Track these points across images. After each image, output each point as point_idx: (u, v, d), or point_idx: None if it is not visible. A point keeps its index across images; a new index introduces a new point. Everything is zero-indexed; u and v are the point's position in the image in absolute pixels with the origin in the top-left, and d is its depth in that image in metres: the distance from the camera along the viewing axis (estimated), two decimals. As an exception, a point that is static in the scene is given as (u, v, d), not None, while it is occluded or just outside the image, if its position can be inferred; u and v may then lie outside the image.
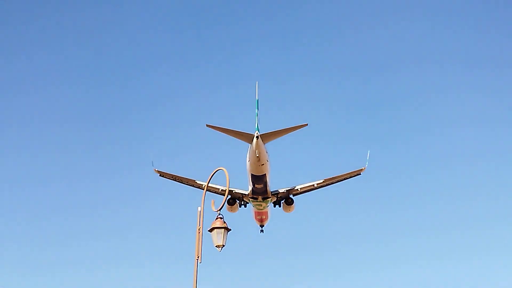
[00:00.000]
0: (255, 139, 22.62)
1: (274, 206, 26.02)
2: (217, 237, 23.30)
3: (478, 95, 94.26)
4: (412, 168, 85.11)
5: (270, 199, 25.24)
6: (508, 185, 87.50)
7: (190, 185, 32.09)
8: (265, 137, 23.60)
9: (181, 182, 31.55)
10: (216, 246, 23.65)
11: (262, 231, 26.81)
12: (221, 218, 23.65)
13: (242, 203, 26.17)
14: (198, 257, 22.86)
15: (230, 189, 25.00)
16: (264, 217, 26.54)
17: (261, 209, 26.13)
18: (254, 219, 27.02)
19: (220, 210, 23.80)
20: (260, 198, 24.95)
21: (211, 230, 23.49)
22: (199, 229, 23.28)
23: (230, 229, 23.73)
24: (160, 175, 31.00)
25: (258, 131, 22.88)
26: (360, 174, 26.48)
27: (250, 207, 26.04)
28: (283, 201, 24.96)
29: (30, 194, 79.77)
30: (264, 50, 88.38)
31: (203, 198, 23.76)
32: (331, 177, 26.45)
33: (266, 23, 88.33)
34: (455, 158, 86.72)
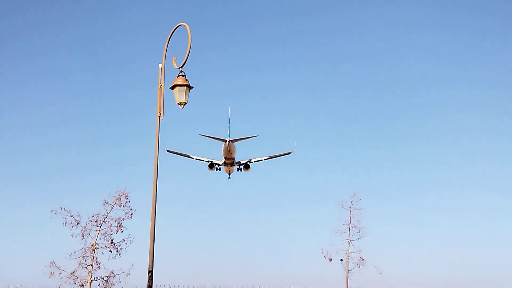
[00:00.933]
0: (227, 142, 37.07)
1: (237, 170, 39.40)
2: (179, 94, 22.64)
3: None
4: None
5: (234, 166, 38.82)
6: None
7: None
8: (232, 141, 37.46)
9: None
10: (178, 104, 23.03)
11: (229, 178, 40.07)
12: (183, 75, 22.75)
13: (218, 168, 39.30)
14: (160, 114, 22.59)
15: (210, 160, 39.06)
16: (231, 171, 39.67)
17: (229, 169, 39.55)
18: (225, 172, 39.73)
19: (182, 67, 22.94)
20: (229, 165, 38.85)
21: (172, 87, 22.72)
22: (160, 86, 22.67)
23: (192, 87, 22.85)
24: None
25: (229, 137, 37.24)
26: (290, 153, 39.65)
27: (223, 167, 39.10)
28: (242, 166, 38.53)
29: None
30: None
31: (164, 54, 22.88)
32: (273, 154, 38.83)
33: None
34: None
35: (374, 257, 38.05)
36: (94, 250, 26.23)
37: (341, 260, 36.67)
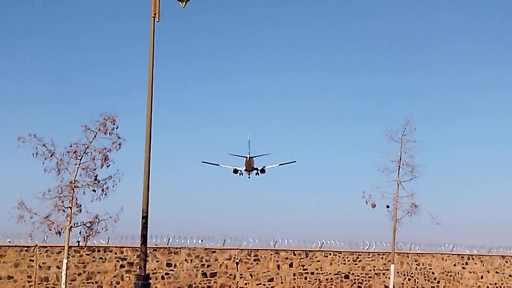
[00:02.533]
0: (247, 158, 59.97)
1: (255, 175, 62.21)
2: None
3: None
4: None
5: (253, 171, 61.63)
6: None
7: None
8: (251, 157, 60.31)
9: None
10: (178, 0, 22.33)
11: (249, 177, 62.28)
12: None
13: (240, 173, 62.13)
14: (154, 14, 21.98)
15: (234, 167, 61.37)
16: (250, 173, 62.04)
17: (249, 173, 62.13)
18: (246, 173, 62.02)
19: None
20: (249, 171, 61.39)
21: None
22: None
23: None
24: None
25: (249, 154, 60.05)
26: (295, 161, 62.91)
27: (244, 172, 62.11)
28: (259, 171, 61.57)
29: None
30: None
31: None
32: (283, 162, 62.05)
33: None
34: None
35: (430, 203, 37.93)
36: (73, 189, 25.97)
37: (388, 206, 36.53)
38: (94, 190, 25.93)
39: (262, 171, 61.53)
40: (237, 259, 40.51)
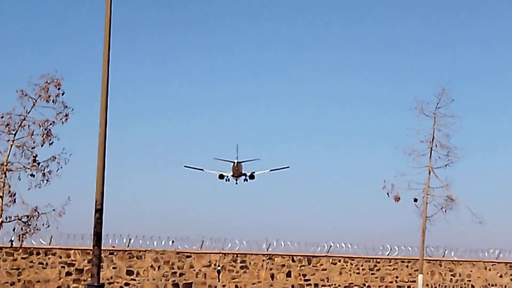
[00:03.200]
0: (235, 163, 65.67)
1: (243, 181, 67.89)
2: None
3: None
4: None
5: (241, 177, 67.40)
6: None
7: None
8: (239, 162, 65.85)
9: None
10: None
11: (236, 183, 67.90)
12: None
13: (227, 179, 67.80)
14: None
15: (220, 172, 67.14)
16: (237, 179, 67.78)
17: (237, 179, 67.95)
18: (233, 178, 67.64)
19: None
20: (236, 177, 67.06)
21: None
22: None
23: None
24: None
25: (237, 159, 65.54)
26: (288, 167, 68.51)
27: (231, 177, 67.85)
28: (247, 176, 67.26)
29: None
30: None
31: None
32: (274, 168, 67.73)
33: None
34: None
35: (470, 196, 38.21)
36: (5, 173, 26.00)
37: (416, 200, 36.84)
38: (32, 175, 25.93)
39: (251, 176, 67.55)
40: (218, 266, 40.77)
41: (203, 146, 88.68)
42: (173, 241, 40.35)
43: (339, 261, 44.01)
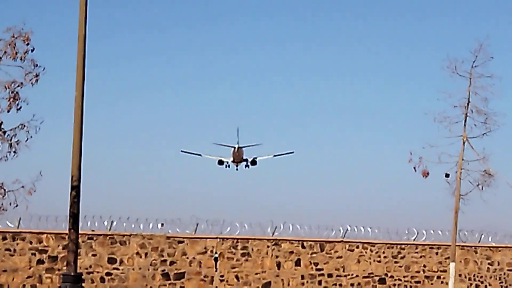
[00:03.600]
0: (236, 148, 71.44)
1: (245, 167, 73.87)
2: None
3: None
4: None
5: (242, 163, 73.23)
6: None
7: None
8: (240, 148, 71.90)
9: None
10: None
11: (237, 169, 73.72)
12: None
13: (227, 165, 73.73)
14: None
15: (219, 158, 73.09)
16: (238, 165, 73.50)
17: (237, 165, 73.89)
18: (233, 164, 73.75)
19: None
20: (237, 162, 72.87)
21: None
22: None
23: None
24: None
25: (238, 144, 71.31)
26: (293, 152, 74.36)
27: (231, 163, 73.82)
28: (249, 162, 73.03)
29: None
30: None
31: None
32: (279, 153, 74.08)
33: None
34: None
35: (511, 171, 38.16)
36: (-35, 144, 26.05)
37: (447, 175, 36.87)
38: (-4, 146, 26.01)
39: (253, 162, 73.33)
40: (215, 253, 40.92)
41: (201, 130, 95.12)
42: (162, 224, 40.46)
43: (357, 247, 44.18)
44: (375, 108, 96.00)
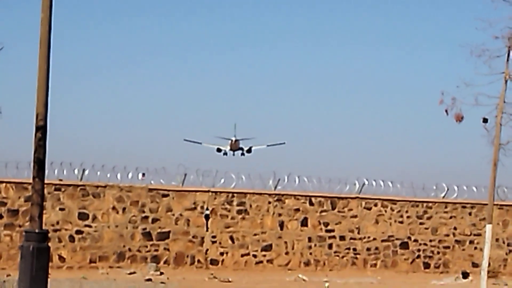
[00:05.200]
0: (233, 141, 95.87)
1: (241, 155, 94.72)
2: None
3: None
4: None
5: (238, 151, 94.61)
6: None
7: None
8: (237, 140, 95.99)
9: None
10: None
11: (233, 155, 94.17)
12: None
13: (225, 152, 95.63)
14: None
15: (218, 146, 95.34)
16: (234, 153, 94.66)
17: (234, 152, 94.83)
18: (230, 152, 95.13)
19: None
20: (233, 151, 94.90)
21: None
22: None
23: None
24: None
25: (235, 137, 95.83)
26: (284, 143, 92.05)
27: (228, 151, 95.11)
28: (244, 151, 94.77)
29: None
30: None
31: None
32: (272, 143, 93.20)
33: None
34: None
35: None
36: None
37: (485, 120, 36.72)
38: None
39: (249, 151, 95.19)
40: (207, 209, 41.07)
41: (201, 124, 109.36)
42: (143, 174, 40.60)
43: (375, 205, 44.38)
44: (402, 36, 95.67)
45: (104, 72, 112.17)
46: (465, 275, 43.27)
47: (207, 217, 40.98)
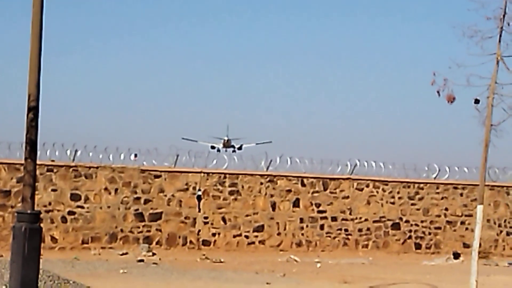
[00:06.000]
0: (225, 140, 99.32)
1: (232, 152, 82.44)
2: None
3: None
4: None
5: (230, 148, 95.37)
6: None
7: None
8: (229, 140, 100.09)
9: None
10: None
11: (226, 151, 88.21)
12: None
13: (218, 149, 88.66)
14: None
15: (212, 144, 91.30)
16: (227, 150, 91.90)
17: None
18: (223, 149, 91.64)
19: None
20: (226, 148, 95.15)
21: None
22: None
23: None
24: None
25: (227, 137, 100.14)
26: (271, 142, 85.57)
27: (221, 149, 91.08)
28: (236, 148, 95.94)
29: None
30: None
31: None
32: (260, 141, 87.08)
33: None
34: None
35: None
36: None
37: (477, 101, 36.51)
38: None
39: (240, 148, 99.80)
40: (199, 190, 41.08)
41: (197, 126, 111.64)
42: (136, 155, 40.59)
43: (367, 186, 44.43)
44: (393, 16, 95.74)
45: (100, 55, 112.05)
46: (456, 255, 43.42)
47: (199, 198, 41.01)
